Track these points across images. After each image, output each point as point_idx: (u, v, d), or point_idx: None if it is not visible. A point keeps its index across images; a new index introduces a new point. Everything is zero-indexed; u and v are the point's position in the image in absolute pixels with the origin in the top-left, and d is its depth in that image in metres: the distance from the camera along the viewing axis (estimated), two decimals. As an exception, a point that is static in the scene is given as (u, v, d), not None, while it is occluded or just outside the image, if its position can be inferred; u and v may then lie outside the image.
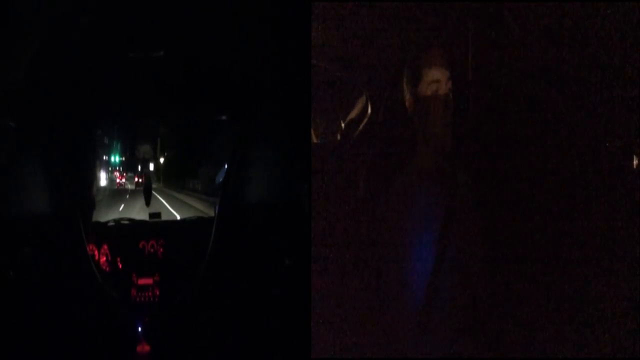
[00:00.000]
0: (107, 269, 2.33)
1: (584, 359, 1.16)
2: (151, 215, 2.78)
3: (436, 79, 1.26)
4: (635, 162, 1.17)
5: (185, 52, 1.47)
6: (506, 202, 1.21)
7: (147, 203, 2.44)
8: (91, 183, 1.36)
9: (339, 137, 1.49)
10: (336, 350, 1.21)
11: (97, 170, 1.40)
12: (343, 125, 1.51)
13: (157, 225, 2.61)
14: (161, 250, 2.40)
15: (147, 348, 1.39)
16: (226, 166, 1.36)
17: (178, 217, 2.96)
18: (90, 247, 1.83)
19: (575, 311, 1.17)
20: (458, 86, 1.25)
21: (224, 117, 2.08)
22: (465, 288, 1.24)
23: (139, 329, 1.53)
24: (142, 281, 2.32)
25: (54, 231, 1.14)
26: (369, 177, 1.33)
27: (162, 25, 1.27)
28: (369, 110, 1.39)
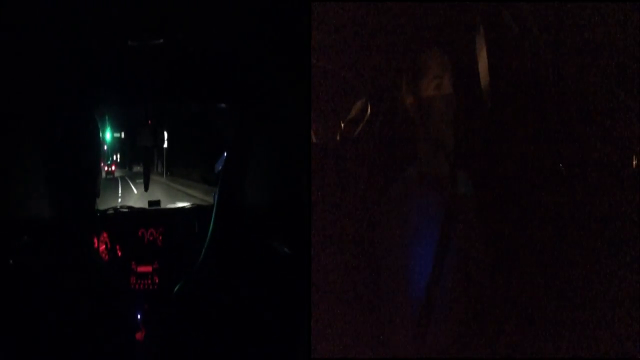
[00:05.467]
0: (107, 257, 2.33)
1: (584, 359, 1.16)
2: (150, 203, 2.79)
3: (438, 77, 1.26)
4: (635, 162, 1.17)
5: (185, 41, 1.46)
6: (507, 202, 1.21)
7: (146, 188, 2.46)
8: (93, 171, 1.35)
9: (338, 137, 1.48)
10: (336, 350, 1.21)
11: (99, 158, 1.39)
12: (343, 125, 1.50)
13: (156, 213, 2.62)
14: (160, 238, 2.40)
15: (146, 335, 1.39)
16: (225, 154, 1.35)
17: (177, 205, 2.97)
18: (91, 235, 1.82)
19: (575, 311, 1.17)
20: (459, 86, 1.25)
21: (223, 105, 2.08)
22: (465, 288, 1.24)
23: (139, 316, 1.52)
24: (142, 269, 2.33)
25: (55, 219, 1.14)
26: (369, 177, 1.33)
27: (161, 14, 1.27)
28: (369, 110, 1.39)
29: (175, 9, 1.22)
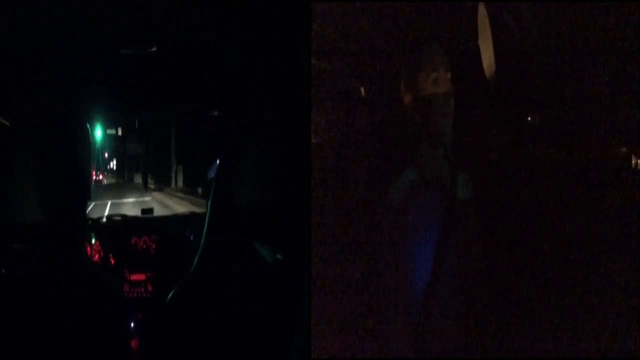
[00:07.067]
0: (100, 265, 2.32)
1: (584, 359, 1.16)
2: (143, 211, 2.79)
3: (435, 72, 1.26)
4: (635, 162, 1.17)
5: (178, 49, 1.46)
6: (506, 202, 1.21)
7: (145, 188, 2.48)
8: (85, 177, 1.34)
9: (338, 137, 1.48)
10: (336, 350, 1.21)
11: (89, 161, 1.39)
12: (343, 125, 1.50)
13: (149, 221, 2.62)
14: (153, 246, 2.40)
15: (140, 343, 1.38)
16: (218, 161, 1.35)
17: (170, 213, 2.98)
18: (84, 244, 1.82)
19: (575, 311, 1.17)
20: (458, 86, 1.25)
21: (216, 113, 2.08)
22: (465, 288, 1.24)
23: (132, 324, 1.51)
24: (135, 277, 2.33)
25: (46, 224, 1.13)
26: (369, 177, 1.33)
27: (154, 21, 1.27)
28: (369, 110, 1.39)
29: (172, 14, 1.22)
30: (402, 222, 1.27)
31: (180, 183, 17.95)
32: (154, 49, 1.37)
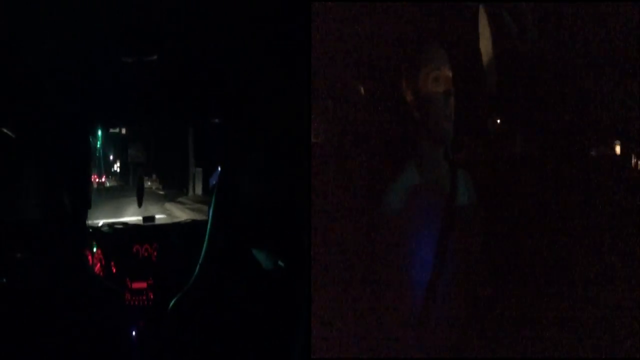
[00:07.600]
0: (101, 273, 2.33)
1: (584, 359, 1.16)
2: (145, 219, 2.79)
3: (435, 70, 1.26)
4: (635, 161, 1.17)
5: (179, 56, 1.46)
6: (506, 202, 1.21)
7: (140, 204, 2.45)
8: (86, 186, 1.34)
9: (338, 137, 1.48)
10: (336, 350, 1.20)
11: (92, 172, 1.39)
12: (343, 125, 1.50)
13: (150, 229, 2.62)
14: (155, 254, 2.40)
15: (141, 351, 1.38)
16: (219, 168, 1.35)
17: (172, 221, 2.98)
18: (85, 252, 1.81)
19: (575, 311, 1.17)
20: (459, 86, 1.25)
21: (217, 120, 2.09)
22: (465, 288, 1.24)
23: (134, 333, 1.51)
24: (136, 285, 2.33)
25: (48, 236, 1.13)
26: (369, 177, 1.33)
27: (155, 28, 1.27)
28: (369, 110, 1.39)
29: (170, 20, 1.22)
30: (403, 222, 1.27)
31: (198, 190, 14.84)
32: (155, 57, 1.37)
